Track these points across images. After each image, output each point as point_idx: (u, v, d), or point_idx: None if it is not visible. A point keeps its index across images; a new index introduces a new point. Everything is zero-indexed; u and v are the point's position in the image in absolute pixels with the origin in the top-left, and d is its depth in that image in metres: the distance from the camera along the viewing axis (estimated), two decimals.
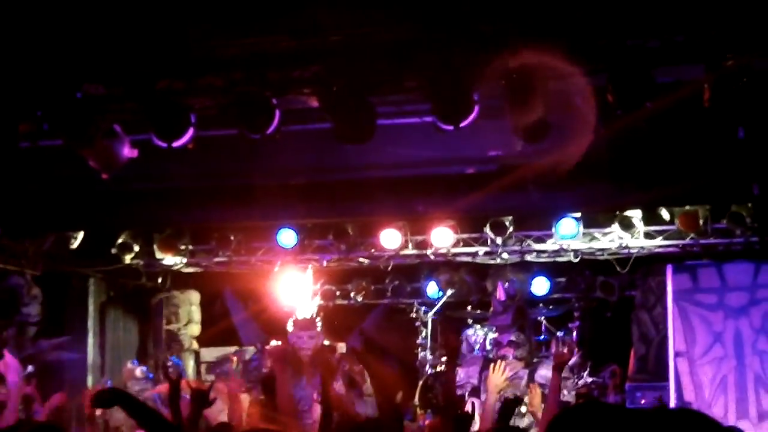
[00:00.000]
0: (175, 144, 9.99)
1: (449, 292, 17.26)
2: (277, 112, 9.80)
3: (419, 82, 9.83)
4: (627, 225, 15.13)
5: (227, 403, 10.57)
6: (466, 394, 12.81)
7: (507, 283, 16.71)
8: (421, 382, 16.12)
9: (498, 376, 9.31)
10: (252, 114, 9.83)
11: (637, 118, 9.67)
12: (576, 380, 15.05)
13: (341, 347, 16.83)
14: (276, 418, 8.69)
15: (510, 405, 7.07)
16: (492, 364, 10.76)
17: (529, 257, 16.46)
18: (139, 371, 16.41)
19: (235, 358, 16.51)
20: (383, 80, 10.02)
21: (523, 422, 13.85)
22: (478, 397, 12.06)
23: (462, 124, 9.50)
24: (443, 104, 9.60)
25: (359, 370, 15.90)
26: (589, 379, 15.60)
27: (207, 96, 10.27)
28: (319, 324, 16.82)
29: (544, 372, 15.15)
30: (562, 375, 10.43)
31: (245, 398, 12.49)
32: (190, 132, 9.98)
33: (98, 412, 12.20)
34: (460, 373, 15.29)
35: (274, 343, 16.50)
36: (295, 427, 9.48)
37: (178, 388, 7.61)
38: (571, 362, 14.00)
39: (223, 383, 11.47)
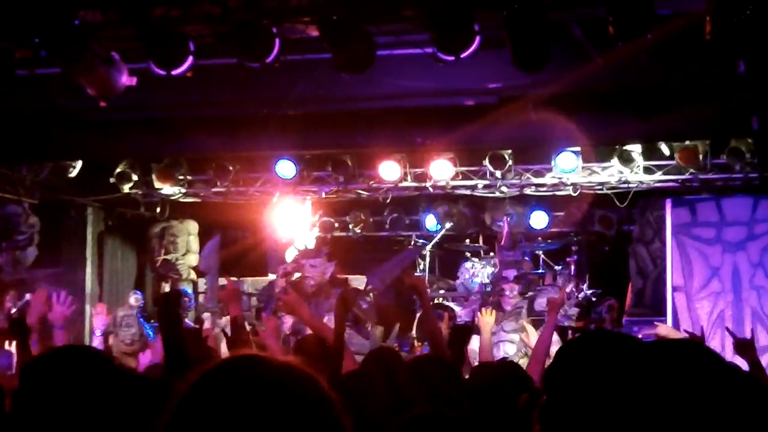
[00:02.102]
0: (174, 72, 9.95)
1: (447, 224, 17.25)
2: (277, 41, 9.74)
3: (419, 11, 9.77)
4: (626, 159, 15.10)
5: None
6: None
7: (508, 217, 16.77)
8: (419, 315, 16.13)
9: (488, 318, 9.46)
10: (251, 42, 9.77)
11: (637, 49, 9.63)
12: (576, 294, 15.10)
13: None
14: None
15: (459, 332, 6.99)
16: (483, 308, 10.94)
17: (528, 191, 16.44)
18: (133, 299, 16.45)
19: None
20: (383, 9, 9.95)
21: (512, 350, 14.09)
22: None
23: (463, 55, 9.45)
24: (444, 34, 9.54)
25: (366, 308, 15.96)
26: (589, 292, 15.63)
27: (204, 24, 10.21)
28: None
29: (542, 300, 15.24)
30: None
31: None
32: (189, 60, 9.93)
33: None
34: (461, 313, 15.38)
35: (271, 276, 16.61)
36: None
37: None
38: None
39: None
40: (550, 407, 3.03)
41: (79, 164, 15.92)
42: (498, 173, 15.67)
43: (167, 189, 16.91)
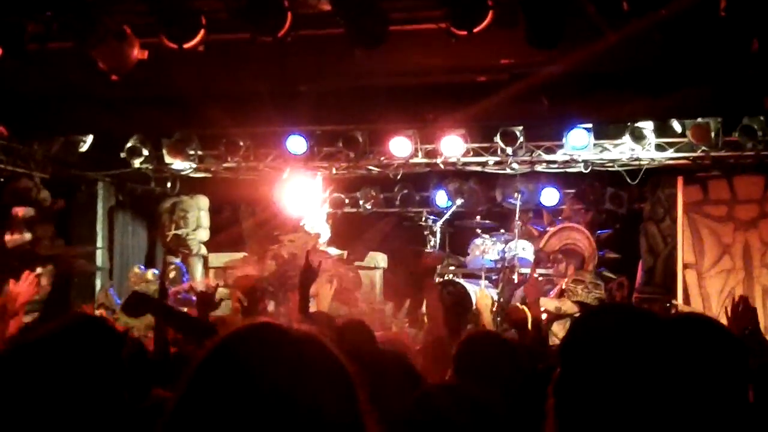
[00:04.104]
0: (186, 46, 9.93)
1: (458, 201, 17.21)
2: (289, 15, 9.72)
3: None
4: (638, 136, 15.04)
5: None
6: None
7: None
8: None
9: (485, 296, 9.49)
10: (263, 17, 9.75)
11: (651, 25, 9.58)
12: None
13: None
14: None
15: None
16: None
17: (539, 168, 16.40)
18: (150, 274, 16.49)
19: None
20: None
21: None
22: None
23: (475, 30, 9.42)
24: (457, 9, 9.51)
25: (353, 277, 15.94)
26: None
27: None
28: (319, 229, 16.92)
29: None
30: None
31: None
32: (201, 34, 9.91)
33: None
34: None
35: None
36: None
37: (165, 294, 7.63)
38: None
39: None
40: (564, 380, 3.02)
41: (89, 139, 15.92)
42: (509, 150, 15.64)
43: (178, 164, 16.91)
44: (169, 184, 17.99)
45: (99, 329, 3.52)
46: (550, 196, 17.18)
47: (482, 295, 9.49)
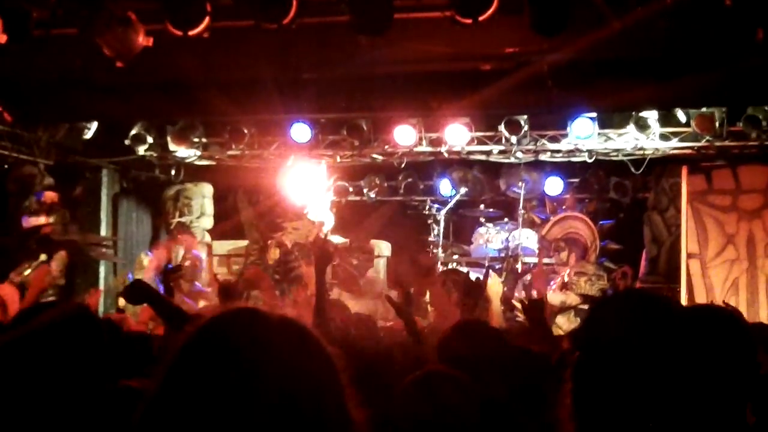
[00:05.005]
0: (191, 33, 9.92)
1: (462, 190, 17.21)
2: (294, 2, 9.72)
3: None
4: (642, 126, 15.03)
5: None
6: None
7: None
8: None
9: (497, 284, 9.43)
10: (268, 3, 9.75)
11: (656, 14, 9.58)
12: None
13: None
14: None
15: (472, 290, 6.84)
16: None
17: (543, 157, 16.38)
18: (147, 261, 16.49)
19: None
20: None
21: None
22: None
23: (481, 18, 9.41)
24: None
25: (357, 265, 15.94)
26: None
27: None
28: (323, 217, 16.94)
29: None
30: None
31: None
32: (206, 21, 9.91)
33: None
34: None
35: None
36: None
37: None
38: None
39: None
40: (583, 364, 3.03)
41: (94, 126, 15.93)
42: (513, 138, 15.61)
43: (182, 151, 16.92)
44: (173, 172, 17.99)
45: (82, 324, 3.52)
46: (554, 185, 17.17)
47: (494, 281, 9.45)
